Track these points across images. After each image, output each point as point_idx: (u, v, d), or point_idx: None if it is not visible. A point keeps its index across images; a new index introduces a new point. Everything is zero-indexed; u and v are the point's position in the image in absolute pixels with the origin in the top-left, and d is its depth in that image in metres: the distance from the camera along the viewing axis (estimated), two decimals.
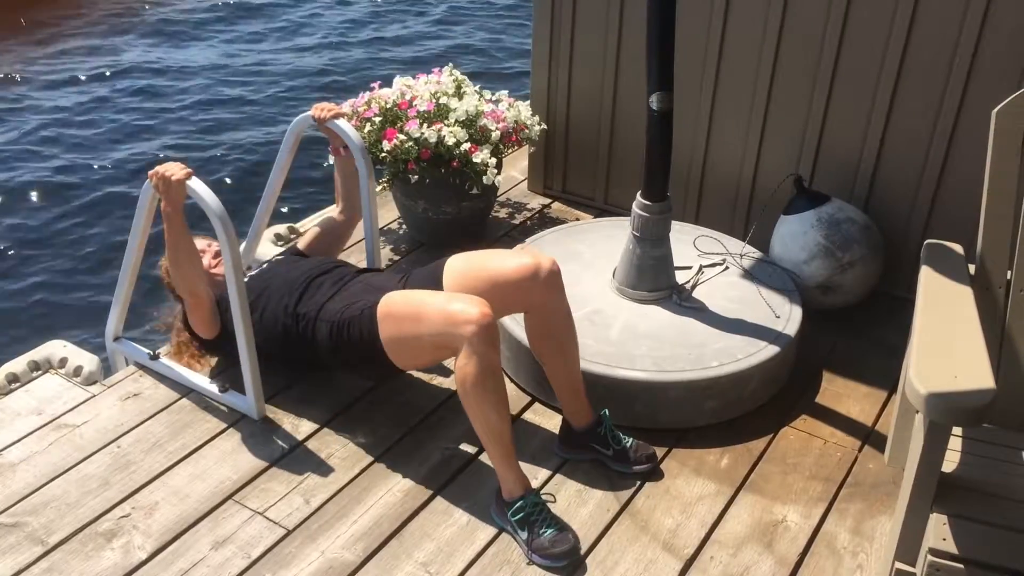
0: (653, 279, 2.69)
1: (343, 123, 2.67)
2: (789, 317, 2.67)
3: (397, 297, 2.23)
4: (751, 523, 2.22)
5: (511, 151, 3.66)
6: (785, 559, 2.12)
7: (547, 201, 3.72)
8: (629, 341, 2.56)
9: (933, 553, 1.67)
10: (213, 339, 2.54)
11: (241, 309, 2.34)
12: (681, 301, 2.70)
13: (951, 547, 1.67)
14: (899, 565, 1.78)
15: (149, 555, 2.08)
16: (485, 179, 3.12)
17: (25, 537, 2.12)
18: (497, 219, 3.58)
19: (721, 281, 2.83)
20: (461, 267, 2.35)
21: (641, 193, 2.62)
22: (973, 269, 2.06)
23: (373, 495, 2.27)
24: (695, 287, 2.78)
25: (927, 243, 2.16)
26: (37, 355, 2.68)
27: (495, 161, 3.14)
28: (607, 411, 2.36)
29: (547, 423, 2.52)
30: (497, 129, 3.19)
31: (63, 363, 2.67)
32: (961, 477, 1.80)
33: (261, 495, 2.26)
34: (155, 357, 2.65)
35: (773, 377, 2.60)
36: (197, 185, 2.29)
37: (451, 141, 3.08)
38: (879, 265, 2.94)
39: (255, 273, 2.60)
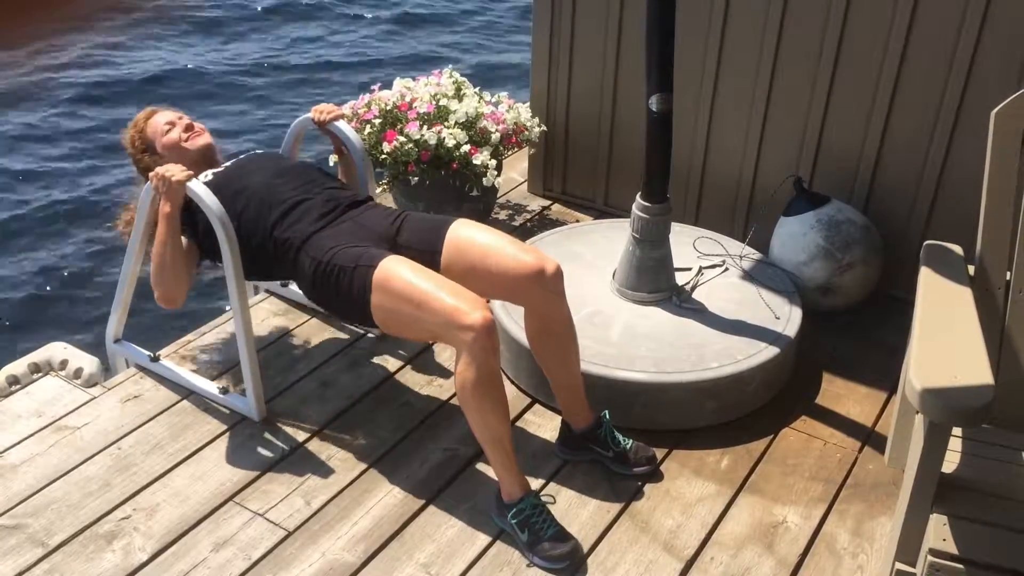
0: (653, 280, 2.70)
1: (343, 125, 2.67)
2: (789, 318, 2.67)
3: (396, 271, 2.11)
4: (751, 524, 2.23)
5: (511, 153, 3.66)
6: (785, 560, 2.13)
7: (547, 203, 3.72)
8: (629, 342, 2.56)
9: (933, 553, 1.67)
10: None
11: (242, 312, 2.34)
12: (681, 302, 2.71)
13: (951, 547, 1.67)
14: (899, 566, 1.78)
15: (150, 557, 2.09)
16: (485, 181, 3.12)
17: (26, 539, 2.12)
18: (497, 221, 3.58)
19: (721, 282, 2.83)
20: (464, 239, 2.26)
21: (641, 195, 2.62)
22: (972, 270, 2.07)
23: (374, 496, 2.27)
24: (695, 288, 2.78)
25: (926, 244, 2.16)
26: (38, 357, 2.68)
27: (495, 163, 3.14)
28: (607, 412, 2.36)
29: (547, 425, 2.52)
30: (497, 131, 3.20)
31: (64, 365, 2.67)
32: (961, 478, 1.80)
33: (262, 496, 2.26)
34: (155, 359, 2.66)
35: (773, 378, 2.60)
36: (197, 186, 2.29)
37: (451, 143, 3.08)
38: (879, 266, 2.95)
39: (230, 164, 2.50)
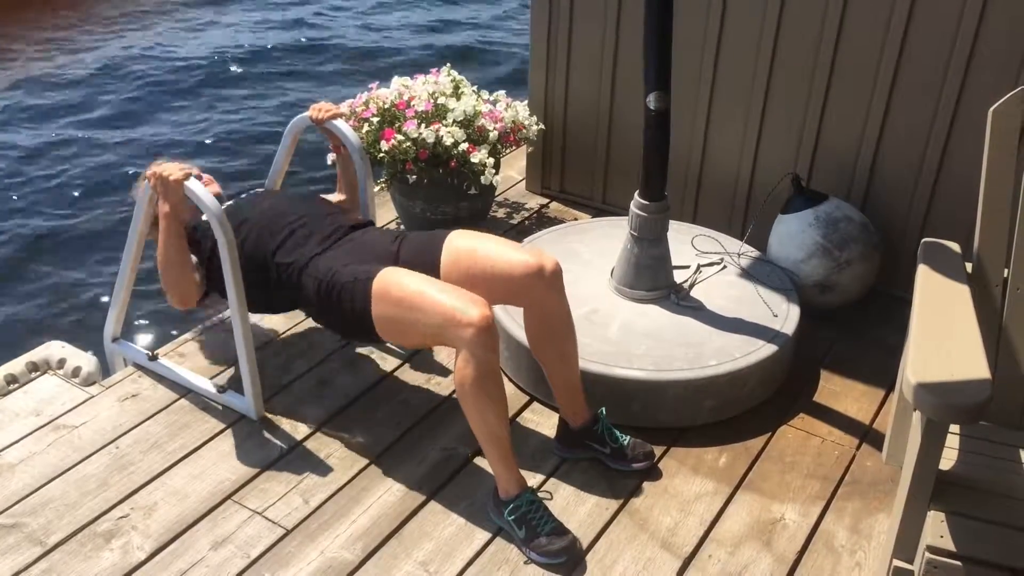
0: (651, 278, 2.70)
1: (341, 123, 2.67)
2: (787, 316, 2.67)
3: (394, 279, 2.14)
4: (749, 521, 2.23)
5: (509, 151, 3.66)
6: (783, 557, 2.13)
7: (545, 201, 3.73)
8: (627, 340, 2.56)
9: (931, 550, 1.67)
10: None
11: (240, 309, 2.34)
12: (679, 300, 2.71)
13: (949, 544, 1.67)
14: (897, 563, 1.78)
15: (148, 555, 2.09)
16: (483, 179, 3.12)
17: (24, 538, 2.12)
18: (495, 219, 3.58)
19: (719, 280, 2.84)
20: (462, 248, 2.27)
21: (639, 192, 2.62)
22: (970, 267, 2.07)
23: (372, 495, 2.27)
24: (693, 286, 2.78)
25: (924, 242, 2.16)
26: (35, 356, 2.68)
27: (493, 161, 3.14)
28: (604, 410, 2.37)
29: (546, 423, 2.52)
30: (495, 129, 3.20)
31: (61, 364, 2.67)
32: (958, 475, 1.80)
33: (260, 495, 2.26)
34: (154, 358, 2.66)
35: (771, 376, 2.60)
36: (195, 186, 2.29)
37: (449, 141, 3.08)
38: (876, 264, 2.95)
39: (234, 202, 2.52)
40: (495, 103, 3.34)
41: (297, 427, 2.49)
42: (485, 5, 9.23)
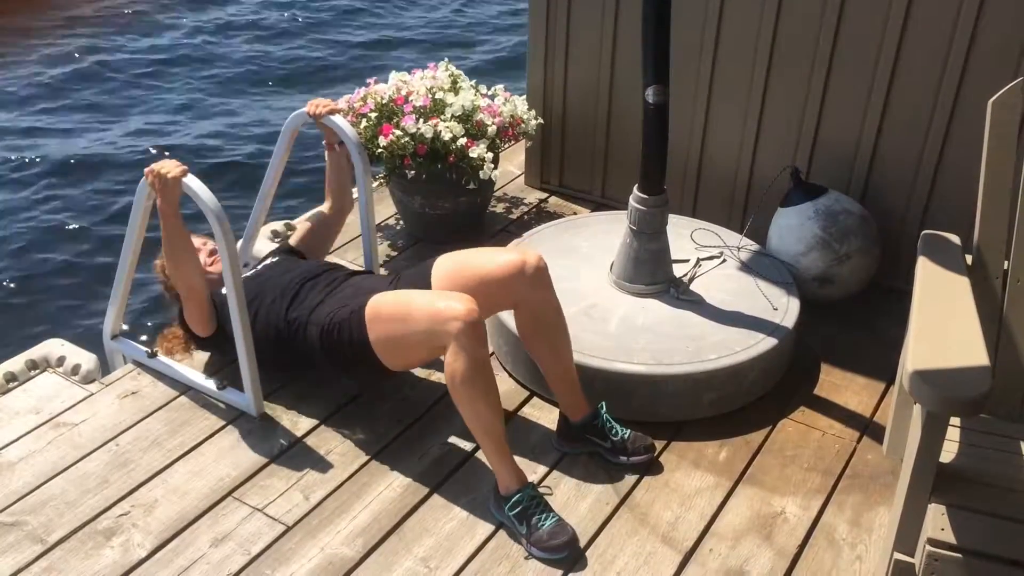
0: (651, 272, 2.69)
1: (339, 119, 2.67)
2: (787, 309, 2.67)
3: (384, 298, 2.24)
4: (750, 515, 2.23)
5: (508, 146, 3.66)
6: (784, 551, 2.13)
7: (544, 195, 3.72)
8: (627, 334, 2.56)
9: (932, 543, 1.67)
10: (208, 337, 2.54)
11: (239, 305, 2.34)
12: (679, 294, 2.70)
13: (950, 537, 1.67)
14: (898, 556, 1.78)
15: (148, 553, 2.08)
16: (482, 174, 3.11)
17: (24, 536, 2.12)
18: (494, 214, 3.58)
19: (719, 274, 2.83)
20: (449, 266, 2.36)
21: (638, 187, 2.61)
22: (970, 259, 2.07)
23: (372, 491, 2.27)
24: (693, 280, 2.78)
25: (924, 234, 2.16)
26: (35, 354, 2.68)
27: (491, 156, 3.13)
28: (603, 404, 2.36)
29: (545, 417, 2.52)
30: (493, 124, 3.19)
31: (61, 361, 2.66)
32: (959, 467, 1.80)
33: (260, 492, 2.26)
34: (153, 355, 2.65)
35: (771, 369, 2.60)
36: (193, 182, 2.29)
37: (447, 136, 3.07)
38: (876, 256, 2.94)
39: (249, 275, 2.60)
40: (493, 97, 3.33)
41: (297, 424, 2.49)
42: (485, 4, 9.22)
